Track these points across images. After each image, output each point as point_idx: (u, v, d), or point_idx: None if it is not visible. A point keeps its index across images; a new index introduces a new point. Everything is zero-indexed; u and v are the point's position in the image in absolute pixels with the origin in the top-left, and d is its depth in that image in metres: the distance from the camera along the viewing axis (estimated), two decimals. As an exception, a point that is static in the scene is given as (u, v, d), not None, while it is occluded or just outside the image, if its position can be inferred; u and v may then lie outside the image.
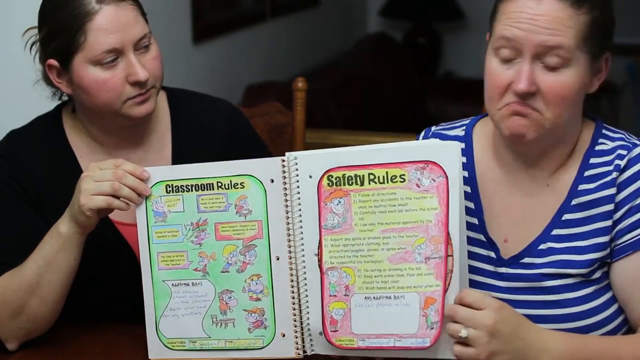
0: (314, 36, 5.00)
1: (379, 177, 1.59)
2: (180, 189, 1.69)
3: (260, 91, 3.78)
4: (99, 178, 1.68)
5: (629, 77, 5.28)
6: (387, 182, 1.59)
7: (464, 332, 1.50)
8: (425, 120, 4.84)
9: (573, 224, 1.66)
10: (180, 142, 1.95)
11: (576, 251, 1.65)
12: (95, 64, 1.78)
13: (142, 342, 1.73)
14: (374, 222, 1.60)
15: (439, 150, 1.60)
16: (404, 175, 1.58)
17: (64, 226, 1.72)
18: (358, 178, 1.61)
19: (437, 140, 1.71)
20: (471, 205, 1.72)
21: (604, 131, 1.70)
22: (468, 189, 1.73)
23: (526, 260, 1.67)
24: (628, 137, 1.69)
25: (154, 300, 1.71)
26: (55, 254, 1.73)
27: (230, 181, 1.67)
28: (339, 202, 1.61)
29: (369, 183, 1.60)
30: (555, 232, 1.66)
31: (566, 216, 1.66)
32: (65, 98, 1.93)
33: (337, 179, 1.61)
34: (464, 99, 4.50)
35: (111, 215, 1.80)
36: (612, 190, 1.63)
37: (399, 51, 5.24)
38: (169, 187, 1.69)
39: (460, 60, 5.69)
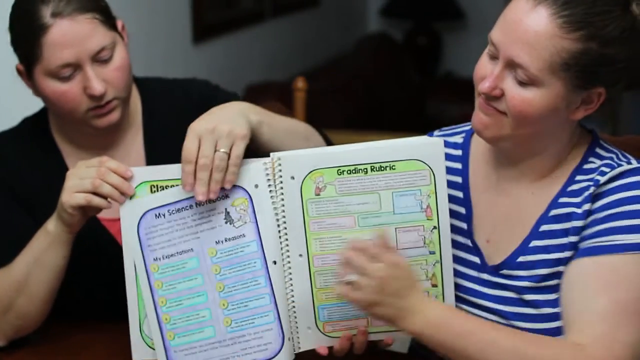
0: (314, 36, 5.00)
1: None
2: (165, 190, 1.65)
3: (260, 91, 3.77)
4: (83, 175, 1.67)
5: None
6: None
7: (352, 277, 1.53)
8: (425, 120, 4.85)
9: (549, 235, 1.62)
10: (151, 136, 1.93)
11: (552, 264, 1.61)
12: (52, 77, 1.77)
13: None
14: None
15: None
16: None
17: (51, 224, 1.72)
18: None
19: (424, 137, 1.71)
20: (462, 210, 1.71)
21: (597, 150, 1.65)
22: (460, 195, 1.72)
23: (505, 272, 1.65)
24: (619, 157, 1.64)
25: (138, 301, 1.68)
26: (43, 252, 1.72)
27: None
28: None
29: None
30: (533, 243, 1.63)
31: (543, 227, 1.63)
32: None
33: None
34: (464, 99, 4.43)
35: (99, 214, 1.78)
36: (587, 206, 1.58)
37: (399, 51, 5.23)
38: (154, 187, 1.65)
39: (460, 60, 5.69)
